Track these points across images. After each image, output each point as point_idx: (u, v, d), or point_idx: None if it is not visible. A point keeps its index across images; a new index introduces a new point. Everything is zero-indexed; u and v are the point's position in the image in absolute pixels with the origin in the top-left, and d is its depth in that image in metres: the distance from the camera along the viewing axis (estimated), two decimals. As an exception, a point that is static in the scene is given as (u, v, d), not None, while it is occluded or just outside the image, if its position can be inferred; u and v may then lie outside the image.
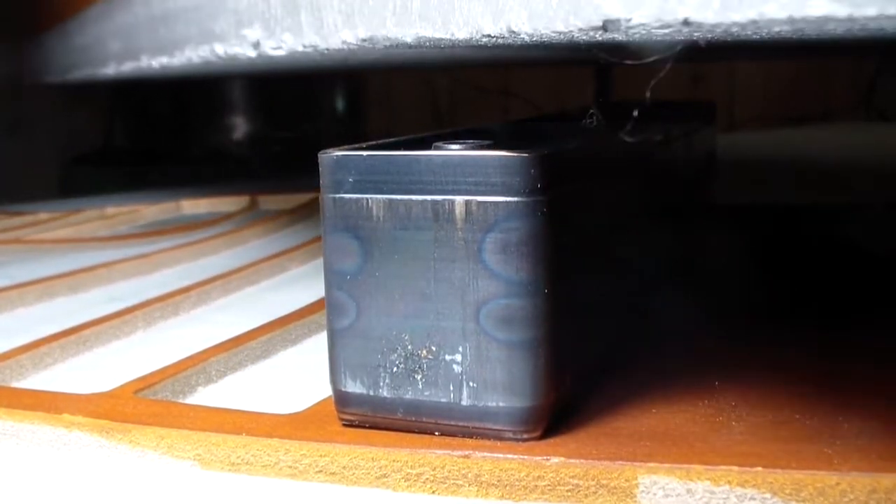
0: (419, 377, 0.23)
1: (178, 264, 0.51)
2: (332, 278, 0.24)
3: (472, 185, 0.22)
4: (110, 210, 0.69)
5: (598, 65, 0.99)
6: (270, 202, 0.71)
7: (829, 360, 0.29)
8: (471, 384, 0.23)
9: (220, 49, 0.31)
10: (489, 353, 0.22)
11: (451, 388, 0.23)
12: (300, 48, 0.26)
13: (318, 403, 0.26)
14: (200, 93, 1.00)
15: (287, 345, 0.35)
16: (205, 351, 0.32)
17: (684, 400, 0.26)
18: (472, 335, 0.22)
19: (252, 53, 0.29)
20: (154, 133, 1.06)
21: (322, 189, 0.24)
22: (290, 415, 0.26)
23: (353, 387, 0.24)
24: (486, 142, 0.25)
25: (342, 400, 0.24)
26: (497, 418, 0.23)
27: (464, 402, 0.23)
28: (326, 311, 0.24)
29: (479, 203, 0.22)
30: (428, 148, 0.24)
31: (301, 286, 0.45)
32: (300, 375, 0.32)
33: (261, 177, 0.87)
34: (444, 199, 0.22)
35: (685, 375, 0.28)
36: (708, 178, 0.49)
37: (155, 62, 0.41)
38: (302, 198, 0.70)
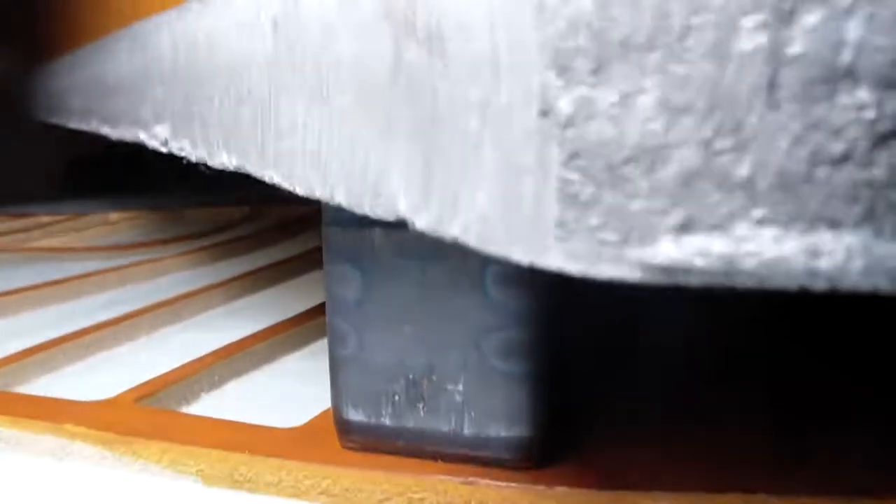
0: (421, 406, 0.23)
1: (179, 271, 0.51)
2: (334, 307, 0.24)
3: None
4: (113, 217, 0.69)
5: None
6: (272, 212, 0.72)
7: (828, 383, 0.29)
8: (472, 413, 0.23)
9: (142, 136, 0.32)
10: (490, 383, 0.22)
11: (453, 417, 0.23)
12: (194, 159, 0.27)
13: (320, 415, 0.26)
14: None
15: (289, 350, 0.35)
16: (206, 356, 0.32)
17: (682, 427, 0.26)
18: (474, 365, 0.22)
19: (164, 149, 0.29)
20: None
21: (323, 220, 0.24)
22: (292, 429, 0.26)
23: (356, 415, 0.24)
24: None
25: (344, 427, 0.24)
26: (498, 447, 0.23)
27: (465, 432, 0.23)
28: (328, 339, 0.24)
29: None
30: None
31: (303, 293, 0.45)
32: (303, 381, 0.32)
33: (262, 186, 0.87)
34: None
35: (682, 400, 0.28)
36: None
37: (103, 129, 0.41)
38: (304, 209, 0.70)
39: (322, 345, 0.26)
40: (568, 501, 0.22)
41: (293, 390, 0.31)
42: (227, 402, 0.30)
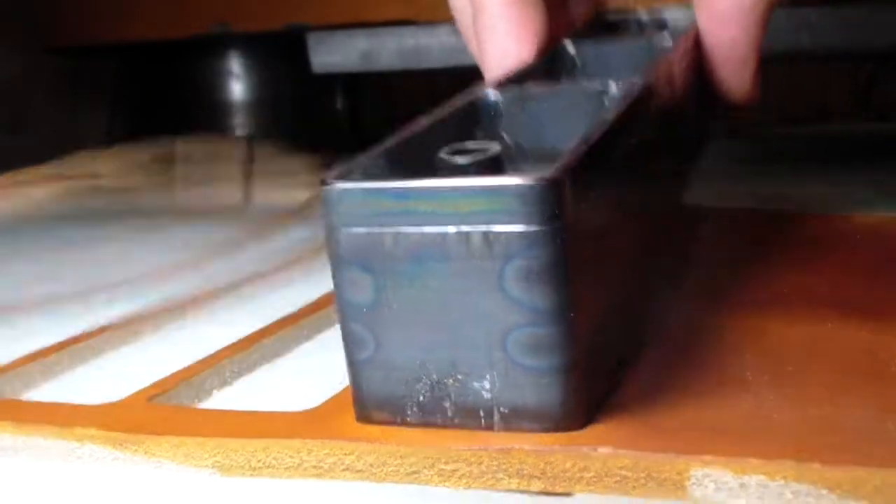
0: (448, 405, 0.22)
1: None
2: (347, 311, 0.23)
3: (489, 214, 0.21)
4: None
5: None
6: (269, 199, 0.70)
7: (866, 355, 0.28)
8: (501, 410, 0.22)
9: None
10: (518, 380, 0.22)
11: (482, 414, 0.22)
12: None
13: (336, 396, 0.26)
14: (200, 90, 0.99)
15: (301, 341, 0.35)
16: (217, 352, 0.32)
17: (719, 393, 0.25)
18: (500, 363, 0.22)
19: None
20: (154, 133, 1.05)
21: (326, 223, 0.22)
22: (306, 411, 0.25)
23: (380, 416, 0.23)
24: (494, 147, 0.24)
25: None
26: None
27: (496, 428, 0.22)
28: (344, 344, 0.23)
29: (497, 233, 0.21)
30: (432, 158, 0.23)
31: (309, 284, 0.43)
32: (316, 371, 0.31)
33: (260, 175, 0.87)
34: (459, 230, 0.21)
35: (715, 367, 0.27)
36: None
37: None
38: (301, 195, 0.69)
39: (335, 333, 0.26)
40: (613, 465, 0.21)
41: (309, 382, 0.30)
42: (243, 397, 0.30)
